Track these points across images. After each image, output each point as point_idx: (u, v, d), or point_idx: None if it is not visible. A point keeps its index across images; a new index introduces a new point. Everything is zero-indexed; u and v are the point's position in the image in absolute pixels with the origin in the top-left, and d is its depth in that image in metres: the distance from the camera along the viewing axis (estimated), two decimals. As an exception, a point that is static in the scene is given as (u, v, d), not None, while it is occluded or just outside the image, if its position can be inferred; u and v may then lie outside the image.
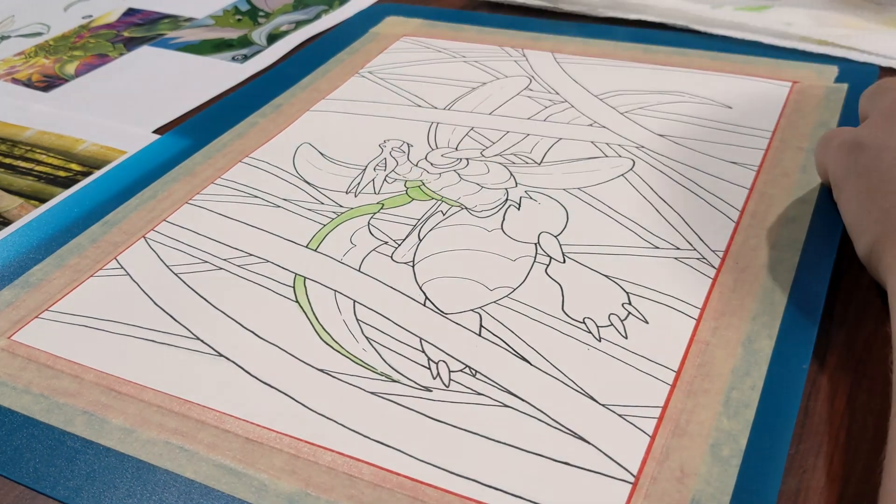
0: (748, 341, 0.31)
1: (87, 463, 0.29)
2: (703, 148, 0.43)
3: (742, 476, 0.26)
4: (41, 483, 0.29)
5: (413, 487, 0.27)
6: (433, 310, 0.34)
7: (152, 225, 0.41)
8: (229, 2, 0.68)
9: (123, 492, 0.28)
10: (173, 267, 0.38)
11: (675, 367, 0.31)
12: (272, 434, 0.29)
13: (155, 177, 0.44)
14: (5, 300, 0.37)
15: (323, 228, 0.39)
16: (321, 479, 0.28)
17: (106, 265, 0.38)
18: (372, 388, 0.31)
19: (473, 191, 0.41)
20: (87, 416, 0.31)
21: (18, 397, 0.32)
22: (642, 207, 0.39)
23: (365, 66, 0.54)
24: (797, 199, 0.38)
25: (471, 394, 0.30)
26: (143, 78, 0.57)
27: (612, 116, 0.46)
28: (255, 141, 0.47)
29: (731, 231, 0.37)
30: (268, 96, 0.52)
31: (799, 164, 0.41)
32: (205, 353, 0.33)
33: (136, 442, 0.30)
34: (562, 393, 0.30)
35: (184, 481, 0.28)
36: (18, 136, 0.51)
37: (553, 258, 0.36)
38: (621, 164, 0.42)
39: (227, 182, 0.44)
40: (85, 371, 0.33)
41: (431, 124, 0.47)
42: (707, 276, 0.34)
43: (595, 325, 0.33)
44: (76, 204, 0.43)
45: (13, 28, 0.66)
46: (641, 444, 0.28)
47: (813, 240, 0.36)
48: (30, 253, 0.40)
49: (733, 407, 0.29)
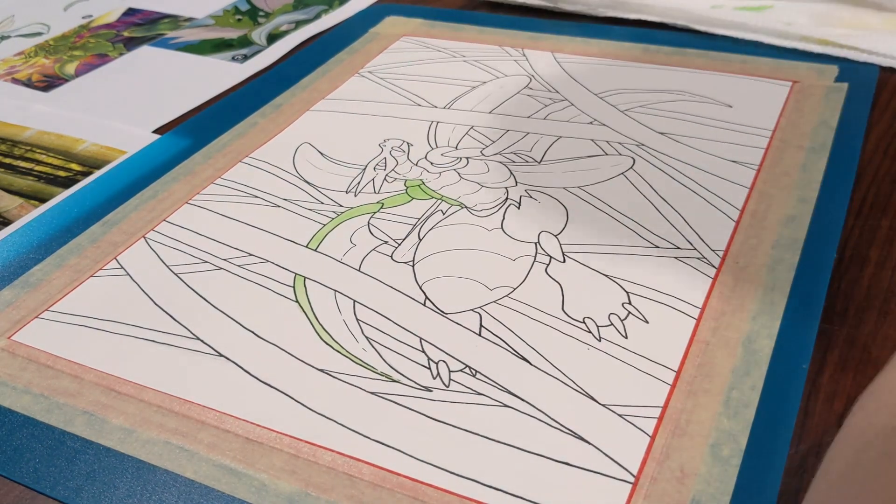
0: (748, 341, 0.31)
1: (88, 463, 0.29)
2: (703, 146, 0.43)
3: (742, 476, 0.26)
4: (41, 483, 0.29)
5: (413, 487, 0.27)
6: (433, 309, 0.34)
7: (152, 225, 0.41)
8: (229, 2, 0.68)
9: (124, 492, 0.28)
10: (173, 267, 0.38)
11: (675, 366, 0.31)
12: (272, 434, 0.29)
13: (155, 177, 0.44)
14: (5, 300, 0.37)
15: (323, 228, 0.39)
16: (321, 479, 0.28)
17: (106, 265, 0.38)
18: (372, 388, 0.31)
19: (473, 190, 0.41)
20: (88, 416, 0.31)
21: (18, 397, 0.32)
22: (642, 206, 0.39)
23: (365, 65, 0.54)
24: (797, 198, 0.38)
25: (471, 394, 0.30)
26: (143, 78, 0.57)
27: (613, 114, 0.46)
28: (255, 141, 0.47)
29: (732, 230, 0.37)
30: (268, 96, 0.52)
31: (799, 163, 0.41)
32: (205, 353, 0.33)
33: (136, 442, 0.30)
34: (562, 393, 0.30)
35: (184, 481, 0.28)
36: (18, 136, 0.51)
37: (553, 257, 0.36)
38: (621, 162, 0.42)
39: (228, 182, 0.43)
40: (85, 371, 0.33)
41: (431, 123, 0.47)
42: (707, 276, 0.34)
43: (595, 324, 0.33)
44: (76, 204, 0.43)
45: (13, 28, 0.66)
46: (641, 444, 0.28)
47: (813, 239, 0.36)
48: (30, 253, 0.40)
49: (733, 407, 0.29)
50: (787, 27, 0.53)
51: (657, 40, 0.54)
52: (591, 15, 0.59)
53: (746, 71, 0.49)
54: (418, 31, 0.58)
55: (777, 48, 0.52)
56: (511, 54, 0.54)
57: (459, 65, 0.53)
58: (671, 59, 0.51)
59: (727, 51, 0.52)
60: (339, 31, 0.60)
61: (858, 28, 0.52)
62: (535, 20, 0.58)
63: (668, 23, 0.56)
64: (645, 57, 0.52)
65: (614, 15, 0.58)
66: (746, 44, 0.52)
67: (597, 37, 0.55)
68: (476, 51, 0.55)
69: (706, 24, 0.55)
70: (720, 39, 0.53)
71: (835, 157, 0.41)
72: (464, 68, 0.53)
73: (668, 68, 0.50)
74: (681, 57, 0.52)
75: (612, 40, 0.54)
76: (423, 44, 0.56)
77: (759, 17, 0.54)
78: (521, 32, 0.57)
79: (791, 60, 0.50)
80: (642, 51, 0.53)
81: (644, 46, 0.53)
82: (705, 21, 0.55)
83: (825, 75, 0.48)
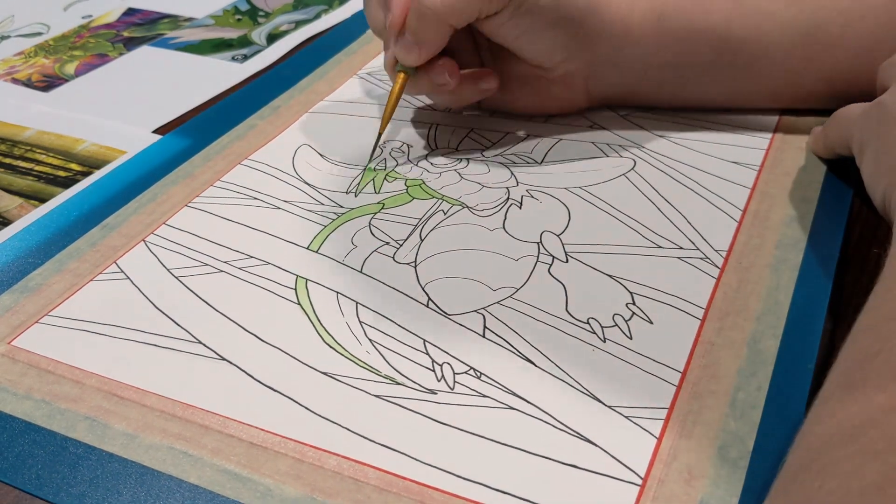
0: (753, 341, 0.31)
1: (90, 469, 0.29)
2: (703, 148, 0.43)
3: (750, 477, 0.26)
4: (44, 489, 0.28)
5: (419, 491, 0.27)
6: (436, 311, 0.34)
7: (152, 228, 0.41)
8: (229, 2, 0.68)
9: (127, 497, 0.28)
10: (174, 270, 0.38)
11: (680, 367, 0.30)
12: (276, 438, 0.29)
13: (154, 179, 0.44)
14: (5, 305, 0.37)
15: (324, 229, 0.39)
16: (326, 483, 0.28)
17: (106, 269, 0.38)
18: (376, 391, 0.31)
19: (474, 189, 0.41)
20: (89, 421, 0.31)
21: (19, 403, 0.32)
22: (644, 206, 0.39)
23: (363, 67, 0.54)
24: (800, 198, 0.38)
25: (476, 396, 0.30)
26: (142, 78, 0.57)
27: (611, 118, 0.46)
28: (254, 143, 0.47)
29: (734, 230, 0.37)
30: (266, 98, 0.51)
31: (800, 163, 0.41)
32: (207, 356, 0.33)
33: (139, 447, 0.30)
34: (567, 394, 0.30)
35: (188, 487, 0.28)
36: (18, 136, 0.50)
37: (556, 258, 0.36)
38: (622, 163, 0.42)
39: (227, 184, 0.43)
40: (86, 376, 0.33)
41: (431, 126, 0.47)
42: (711, 276, 0.34)
43: (599, 325, 0.33)
44: (74, 207, 0.43)
45: (13, 28, 0.66)
46: (648, 445, 0.28)
47: (816, 238, 0.36)
48: (29, 257, 0.39)
49: (740, 408, 0.29)
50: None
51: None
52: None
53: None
54: (416, 31, 0.58)
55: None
56: (510, 55, 0.54)
57: (458, 65, 0.53)
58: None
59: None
60: (337, 33, 0.60)
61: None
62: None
63: None
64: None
65: None
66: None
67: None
68: (475, 51, 0.54)
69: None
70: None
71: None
72: (463, 69, 0.52)
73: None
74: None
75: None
76: (421, 44, 0.56)
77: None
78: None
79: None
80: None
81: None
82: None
83: (825, 74, 0.48)
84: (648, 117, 0.45)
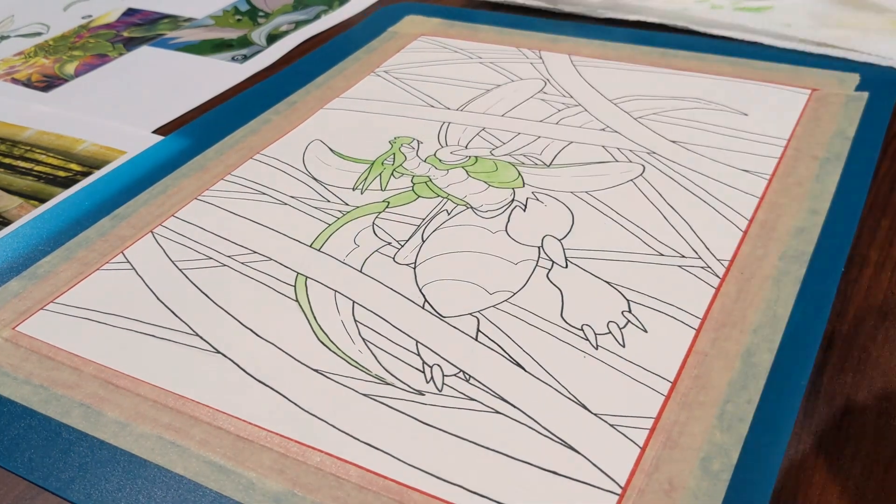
0: (748, 354, 0.31)
1: (81, 455, 0.29)
2: (715, 155, 0.42)
3: (731, 491, 0.26)
4: (35, 473, 0.29)
5: (399, 491, 0.27)
6: (431, 312, 0.34)
7: (161, 220, 0.41)
8: (229, 2, 0.68)
9: (114, 485, 0.28)
10: (178, 262, 0.38)
11: (670, 377, 0.30)
12: (262, 432, 0.30)
13: (166, 172, 0.45)
14: (12, 291, 0.37)
15: (328, 228, 0.39)
16: (308, 479, 0.28)
17: (112, 259, 0.39)
18: (365, 389, 0.31)
19: (480, 189, 0.41)
20: (84, 408, 0.31)
21: (18, 387, 0.32)
22: (649, 213, 0.38)
23: (381, 65, 0.54)
24: (808, 210, 0.38)
25: (463, 399, 0.30)
26: (142, 78, 0.57)
27: (626, 121, 0.46)
28: (267, 137, 0.47)
29: (739, 240, 0.36)
30: (283, 93, 0.52)
31: (813, 173, 0.40)
32: (203, 349, 0.33)
33: (129, 436, 0.30)
34: (554, 400, 0.30)
35: (174, 477, 0.28)
36: (18, 136, 0.51)
37: (555, 262, 0.36)
38: (631, 169, 0.42)
39: (237, 178, 0.44)
40: (85, 363, 0.33)
41: (443, 124, 0.47)
42: (710, 286, 0.34)
43: (593, 332, 0.32)
44: (86, 197, 0.43)
45: (13, 28, 0.67)
46: (631, 455, 0.28)
47: (821, 252, 0.35)
48: (39, 245, 0.40)
49: (727, 420, 0.28)
50: (786, 28, 0.52)
51: (676, 44, 0.53)
52: (591, 16, 0.58)
53: (766, 77, 0.49)
54: (436, 30, 0.58)
55: (799, 53, 0.51)
56: (528, 56, 0.53)
57: (475, 66, 0.53)
58: (689, 65, 0.51)
59: (747, 56, 0.51)
60: (358, 29, 0.60)
61: (858, 29, 0.51)
62: (553, 21, 0.58)
63: (668, 24, 0.55)
64: (662, 61, 0.51)
65: (613, 16, 0.57)
66: (767, 49, 0.52)
67: (615, 40, 0.54)
68: (492, 52, 0.54)
69: (705, 26, 0.54)
70: (741, 44, 0.53)
71: (849, 169, 0.40)
72: (479, 70, 0.52)
73: (685, 73, 0.50)
74: (699, 62, 0.51)
75: (631, 44, 0.54)
76: (440, 44, 0.56)
77: (758, 18, 0.53)
78: (540, 34, 0.56)
79: (812, 67, 0.49)
80: (660, 55, 0.52)
81: (662, 51, 0.52)
82: (705, 22, 0.54)
83: (846, 83, 0.47)
84: (662, 121, 0.45)
